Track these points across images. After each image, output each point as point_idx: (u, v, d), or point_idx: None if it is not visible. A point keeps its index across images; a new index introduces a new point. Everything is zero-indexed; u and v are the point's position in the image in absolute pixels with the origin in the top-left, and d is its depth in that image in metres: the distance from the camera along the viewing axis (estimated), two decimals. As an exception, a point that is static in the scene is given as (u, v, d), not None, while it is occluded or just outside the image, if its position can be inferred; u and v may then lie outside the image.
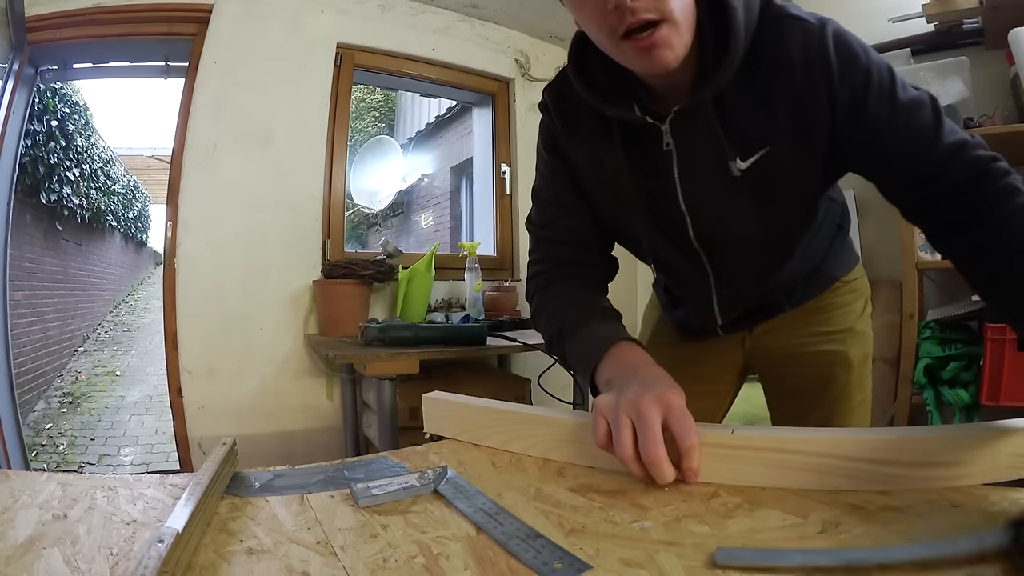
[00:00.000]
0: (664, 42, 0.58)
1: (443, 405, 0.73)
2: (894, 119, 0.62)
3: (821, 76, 0.62)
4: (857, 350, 0.90)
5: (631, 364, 0.61)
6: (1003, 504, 0.44)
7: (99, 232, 5.87)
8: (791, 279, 0.85)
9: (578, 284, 0.79)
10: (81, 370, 4.81)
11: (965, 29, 1.83)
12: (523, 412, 0.65)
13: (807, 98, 0.63)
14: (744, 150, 0.67)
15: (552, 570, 0.38)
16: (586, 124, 0.74)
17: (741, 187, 0.69)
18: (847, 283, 0.92)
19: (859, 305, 0.93)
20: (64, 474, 0.57)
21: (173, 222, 1.96)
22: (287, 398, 2.08)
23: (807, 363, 0.90)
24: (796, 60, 0.62)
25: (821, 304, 0.91)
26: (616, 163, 0.73)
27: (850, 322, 0.91)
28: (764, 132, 0.66)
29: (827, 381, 0.89)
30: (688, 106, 0.66)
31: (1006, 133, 1.60)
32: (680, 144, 0.70)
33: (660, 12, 0.57)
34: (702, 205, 0.73)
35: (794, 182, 0.69)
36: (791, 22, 0.63)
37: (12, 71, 1.86)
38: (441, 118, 5.14)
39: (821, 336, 0.90)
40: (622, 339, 0.65)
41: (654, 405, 0.52)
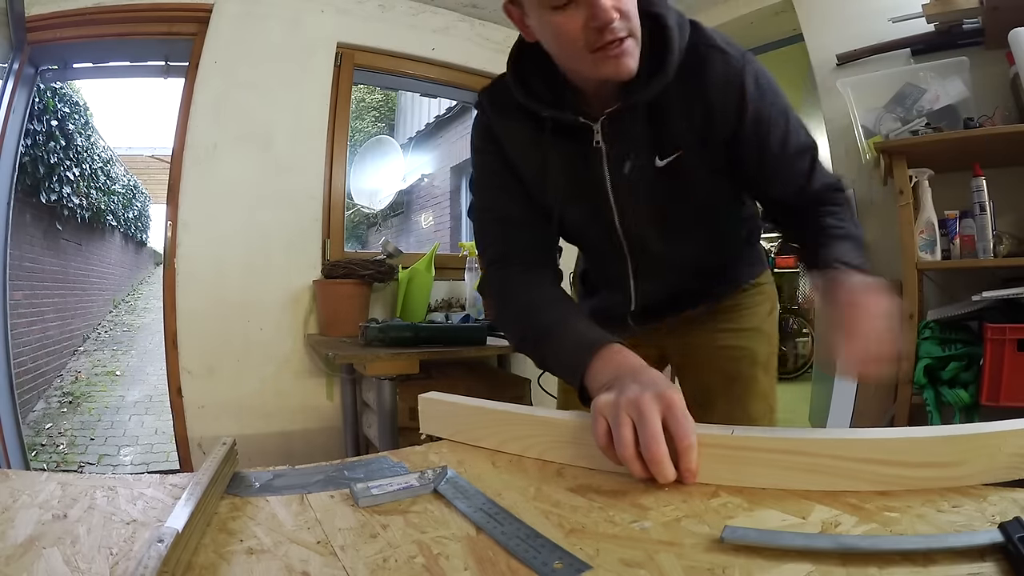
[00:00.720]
0: (629, 52, 0.68)
1: (439, 406, 0.72)
2: (783, 159, 0.77)
3: (734, 101, 0.73)
4: (763, 347, 1.00)
5: (629, 367, 0.62)
6: (1003, 504, 0.44)
7: (99, 232, 5.87)
8: (701, 275, 0.96)
9: (540, 278, 0.83)
10: (81, 370, 4.81)
11: (965, 29, 1.83)
12: (520, 412, 0.64)
13: (718, 115, 0.74)
14: (661, 150, 0.78)
15: (552, 570, 0.38)
16: (519, 124, 0.82)
17: (659, 182, 0.79)
18: (755, 285, 1.02)
19: (766, 308, 1.03)
20: (64, 474, 0.57)
21: (173, 222, 1.96)
22: (287, 398, 2.08)
23: (716, 356, 0.99)
24: (716, 82, 0.73)
25: (731, 303, 1.00)
26: (548, 159, 0.82)
27: (756, 322, 1.01)
28: (678, 137, 0.76)
29: (733, 375, 0.98)
30: (621, 108, 0.75)
31: (1006, 133, 1.60)
32: (609, 142, 0.79)
33: (628, 30, 0.67)
34: (627, 197, 0.82)
35: (700, 182, 0.81)
36: (716, 52, 0.74)
37: (12, 71, 1.86)
38: (441, 118, 5.14)
39: (729, 332, 0.99)
40: (611, 342, 0.66)
41: (654, 403, 0.52)
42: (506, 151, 0.85)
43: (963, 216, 1.73)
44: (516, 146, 0.84)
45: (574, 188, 0.83)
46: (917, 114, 1.79)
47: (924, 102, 1.79)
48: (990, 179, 1.64)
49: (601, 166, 0.80)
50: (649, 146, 0.78)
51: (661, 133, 0.77)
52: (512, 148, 0.84)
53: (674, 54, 0.71)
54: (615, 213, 0.84)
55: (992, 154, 1.67)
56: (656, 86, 0.72)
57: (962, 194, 1.69)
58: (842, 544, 0.38)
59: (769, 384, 1.01)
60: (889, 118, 1.83)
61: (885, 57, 1.96)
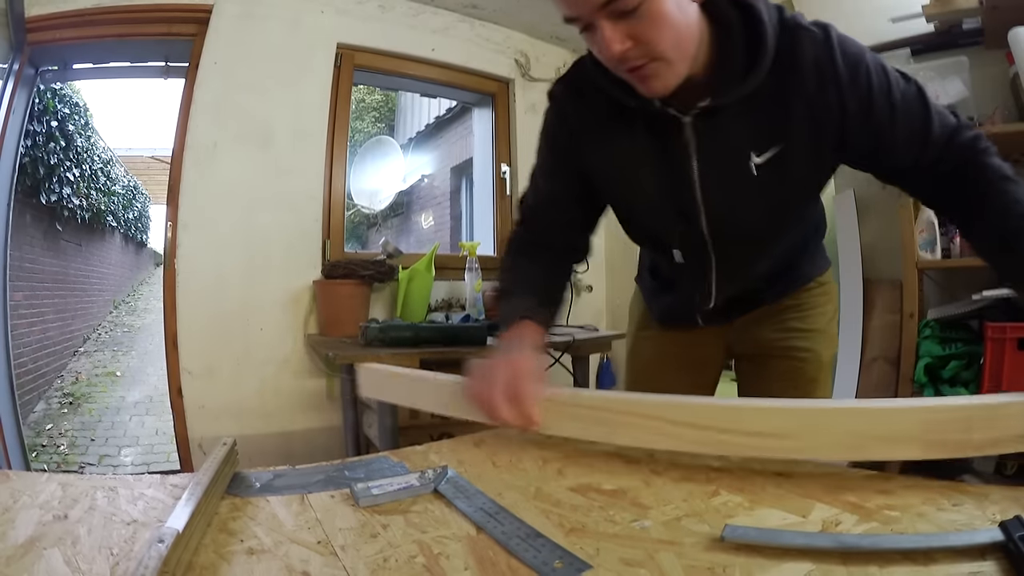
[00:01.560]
0: (654, 75, 0.65)
1: (380, 376, 0.85)
2: (894, 118, 0.68)
3: (831, 81, 0.68)
4: (827, 350, 0.97)
5: (515, 339, 0.75)
6: (1004, 503, 0.44)
7: (99, 232, 5.87)
8: (775, 270, 0.91)
9: (542, 258, 0.87)
10: (81, 370, 4.81)
11: (965, 29, 1.82)
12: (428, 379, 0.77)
13: (818, 101, 0.69)
14: (760, 147, 0.72)
15: (552, 570, 0.38)
16: (602, 115, 0.78)
17: (755, 181, 0.74)
18: (821, 284, 0.98)
19: (830, 308, 1.00)
20: (64, 474, 0.58)
21: (173, 222, 1.96)
22: (287, 398, 2.08)
23: (781, 356, 0.96)
24: (808, 66, 0.68)
25: (798, 302, 0.96)
26: (633, 152, 0.78)
27: (822, 324, 0.97)
28: (779, 131, 0.71)
29: (797, 375, 0.95)
30: (714, 104, 0.71)
31: (1006, 133, 1.60)
32: (701, 137, 0.74)
33: (649, 55, 0.63)
34: (717, 196, 0.77)
35: (802, 178, 0.75)
36: (802, 32, 0.68)
37: (12, 71, 1.86)
38: (441, 118, 5.13)
39: (796, 332, 0.96)
40: (527, 317, 0.77)
41: (503, 365, 0.67)
42: (580, 145, 0.82)
43: (963, 215, 1.72)
44: (592, 136, 0.80)
45: (657, 184, 0.79)
46: (917, 114, 1.79)
47: (924, 102, 1.78)
48: (990, 178, 1.64)
49: (689, 163, 0.75)
50: (746, 143, 0.73)
51: (760, 128, 0.72)
52: (587, 138, 0.81)
53: (769, 48, 0.67)
54: (702, 213, 0.79)
55: (992, 153, 1.67)
56: (752, 82, 0.68)
57: (962, 193, 1.69)
58: (842, 543, 0.38)
59: (828, 390, 1.00)
60: (889, 118, 1.83)
61: (885, 57, 1.95)
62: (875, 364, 1.95)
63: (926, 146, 0.69)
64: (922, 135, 0.69)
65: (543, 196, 0.88)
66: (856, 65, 0.68)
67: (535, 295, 0.82)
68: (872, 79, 0.68)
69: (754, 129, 0.72)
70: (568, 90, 0.82)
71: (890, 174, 0.75)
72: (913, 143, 0.69)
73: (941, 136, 0.69)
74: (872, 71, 0.68)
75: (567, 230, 0.88)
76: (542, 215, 0.88)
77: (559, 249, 0.88)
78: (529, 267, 0.87)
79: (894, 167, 0.73)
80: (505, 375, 0.66)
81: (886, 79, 0.68)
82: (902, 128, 0.68)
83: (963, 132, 0.69)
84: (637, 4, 0.60)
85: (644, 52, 0.63)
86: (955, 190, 0.70)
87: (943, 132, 0.69)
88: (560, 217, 0.87)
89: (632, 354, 1.11)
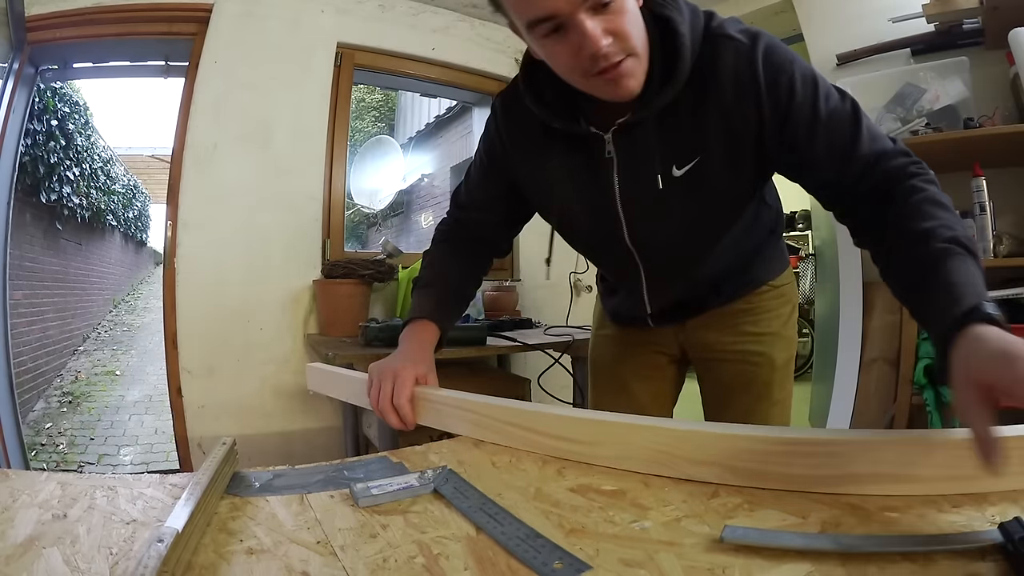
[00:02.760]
0: (629, 72, 0.65)
1: (321, 373, 0.98)
2: (815, 130, 0.67)
3: (749, 91, 0.67)
4: (781, 353, 0.97)
5: (407, 338, 0.84)
6: (1002, 504, 0.44)
7: (99, 232, 5.86)
8: (719, 276, 0.92)
9: (463, 250, 0.95)
10: (81, 370, 4.81)
11: (965, 29, 1.83)
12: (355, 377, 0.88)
13: (735, 111, 0.69)
14: (679, 159, 0.74)
15: (552, 570, 0.38)
16: (532, 131, 0.81)
17: (674, 193, 0.75)
18: (775, 287, 0.98)
19: (786, 311, 0.99)
20: (64, 474, 0.58)
21: (173, 222, 1.96)
22: (287, 398, 2.08)
23: (733, 360, 0.97)
24: (727, 77, 0.68)
25: (750, 306, 0.96)
26: (557, 168, 0.81)
27: (776, 327, 0.97)
28: (696, 143, 0.72)
29: (750, 379, 0.96)
30: (632, 120, 0.72)
31: (1006, 133, 1.60)
32: (621, 153, 0.76)
33: (626, 50, 0.64)
34: (637, 209, 0.79)
35: (722, 188, 0.75)
36: (724, 41, 0.68)
37: (12, 71, 1.86)
38: (441, 118, 5.13)
39: (748, 336, 0.96)
40: (423, 317, 0.86)
41: (388, 374, 0.77)
42: (512, 159, 0.86)
43: (963, 216, 1.72)
44: (523, 152, 0.84)
45: (582, 199, 0.82)
46: (917, 114, 1.79)
47: (924, 102, 1.78)
48: (990, 179, 1.64)
49: (611, 177, 0.78)
50: (665, 155, 0.74)
51: (678, 140, 0.73)
52: (518, 154, 0.85)
53: (686, 60, 0.67)
54: (624, 226, 0.81)
55: (992, 154, 1.67)
56: (668, 94, 0.69)
57: (962, 194, 1.69)
58: (842, 544, 0.38)
59: (786, 390, 1.00)
60: (889, 118, 1.83)
61: (885, 57, 1.96)
62: (875, 365, 1.95)
63: (849, 162, 0.66)
64: (846, 151, 0.66)
65: (474, 193, 0.94)
66: (778, 74, 0.66)
67: (444, 293, 0.90)
68: (795, 88, 0.66)
69: (672, 142, 0.73)
70: (504, 106, 0.85)
71: (812, 188, 0.72)
72: (835, 158, 0.67)
73: (869, 155, 0.65)
74: (796, 81, 0.66)
75: (492, 227, 0.95)
76: (471, 210, 0.95)
77: (482, 242, 0.96)
78: (448, 261, 0.94)
79: (816, 181, 0.71)
80: (389, 385, 0.75)
81: (812, 91, 0.67)
82: (823, 141, 0.66)
83: (897, 157, 0.65)
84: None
85: (621, 47, 0.63)
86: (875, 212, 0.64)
87: (871, 151, 0.65)
88: (487, 216, 0.93)
89: (592, 352, 1.14)
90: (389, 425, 0.77)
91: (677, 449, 0.54)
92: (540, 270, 2.53)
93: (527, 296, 2.55)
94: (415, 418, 0.76)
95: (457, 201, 0.98)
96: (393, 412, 0.75)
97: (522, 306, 2.48)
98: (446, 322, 0.88)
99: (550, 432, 0.63)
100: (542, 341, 1.80)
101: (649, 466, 0.56)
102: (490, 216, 0.93)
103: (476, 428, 0.70)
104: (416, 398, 0.76)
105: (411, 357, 0.80)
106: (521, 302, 2.48)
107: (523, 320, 2.16)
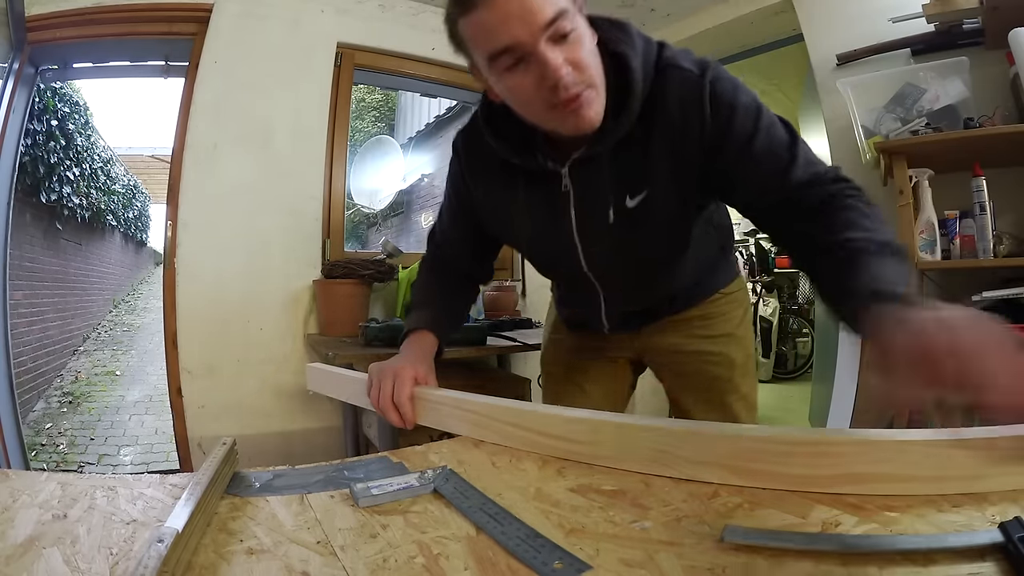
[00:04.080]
0: (588, 103, 0.66)
1: (321, 373, 0.99)
2: (750, 154, 0.69)
3: (694, 119, 0.70)
4: (739, 352, 1.02)
5: (407, 346, 0.86)
6: (1003, 504, 0.44)
7: (99, 232, 5.86)
8: (671, 291, 0.96)
9: (448, 279, 0.99)
10: (81, 370, 4.80)
11: (965, 29, 1.82)
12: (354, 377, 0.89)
13: (681, 141, 0.71)
14: (630, 190, 0.76)
15: (552, 570, 0.38)
16: (492, 167, 0.83)
17: (627, 223, 0.78)
18: (726, 295, 1.03)
19: (738, 313, 1.04)
20: (64, 474, 0.58)
21: (173, 222, 1.96)
22: (287, 398, 2.08)
23: (692, 359, 1.02)
24: (673, 106, 0.70)
25: (703, 312, 1.01)
26: (517, 202, 0.84)
27: (730, 328, 1.02)
28: (647, 174, 0.75)
29: (711, 378, 1.01)
30: (586, 154, 0.75)
31: (1006, 133, 1.59)
32: (577, 186, 0.79)
33: (585, 82, 0.66)
34: (592, 238, 0.83)
35: (671, 216, 0.78)
36: (674, 71, 0.71)
37: (12, 71, 1.86)
38: (441, 118, 5.13)
39: (703, 338, 1.01)
40: (420, 328, 0.88)
41: (389, 373, 0.78)
42: (474, 194, 0.89)
43: (963, 216, 1.72)
44: (484, 189, 0.88)
45: (541, 230, 0.85)
46: (917, 114, 1.78)
47: (924, 102, 1.78)
48: (990, 179, 1.64)
49: (568, 210, 0.81)
50: (617, 188, 0.76)
51: (629, 172, 0.75)
52: (480, 191, 0.88)
53: (637, 95, 0.69)
54: (580, 254, 0.85)
55: (992, 154, 1.67)
56: (621, 128, 0.71)
57: (962, 194, 1.69)
58: (842, 544, 0.38)
59: (748, 385, 1.04)
60: (889, 118, 1.83)
61: (885, 57, 1.95)
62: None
63: (781, 184, 0.68)
64: (780, 174, 0.68)
65: (447, 231, 0.99)
66: (721, 99, 0.69)
67: (437, 311, 0.93)
68: (736, 112, 0.68)
69: (624, 174, 0.76)
70: (465, 143, 0.89)
71: (744, 208, 0.75)
72: (769, 182, 0.69)
73: (802, 177, 0.68)
74: (739, 110, 0.69)
75: (468, 261, 1.00)
76: (446, 246, 1.00)
77: (462, 273, 1.01)
78: (436, 286, 0.99)
79: (749, 202, 0.73)
80: (389, 384, 0.77)
81: (753, 115, 0.69)
82: (757, 162, 0.69)
83: (831, 183, 0.67)
84: (571, 29, 0.63)
85: (581, 78, 0.65)
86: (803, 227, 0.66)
87: (804, 175, 0.68)
88: (462, 251, 0.99)
89: (545, 355, 1.17)
90: (390, 423, 0.77)
91: (677, 449, 0.55)
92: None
93: (527, 296, 2.55)
94: (415, 416, 0.76)
95: (434, 240, 1.03)
96: (394, 410, 0.76)
97: (522, 306, 2.48)
98: (443, 334, 0.91)
99: (550, 432, 0.63)
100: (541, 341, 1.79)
101: (649, 466, 0.56)
102: (465, 251, 0.98)
103: (476, 428, 0.70)
104: (416, 398, 0.77)
105: (410, 358, 0.82)
106: (521, 302, 2.48)
107: (523, 320, 2.17)
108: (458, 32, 0.68)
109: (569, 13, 0.63)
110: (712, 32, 2.39)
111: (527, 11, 0.61)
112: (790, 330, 4.50)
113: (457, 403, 0.73)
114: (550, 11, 0.61)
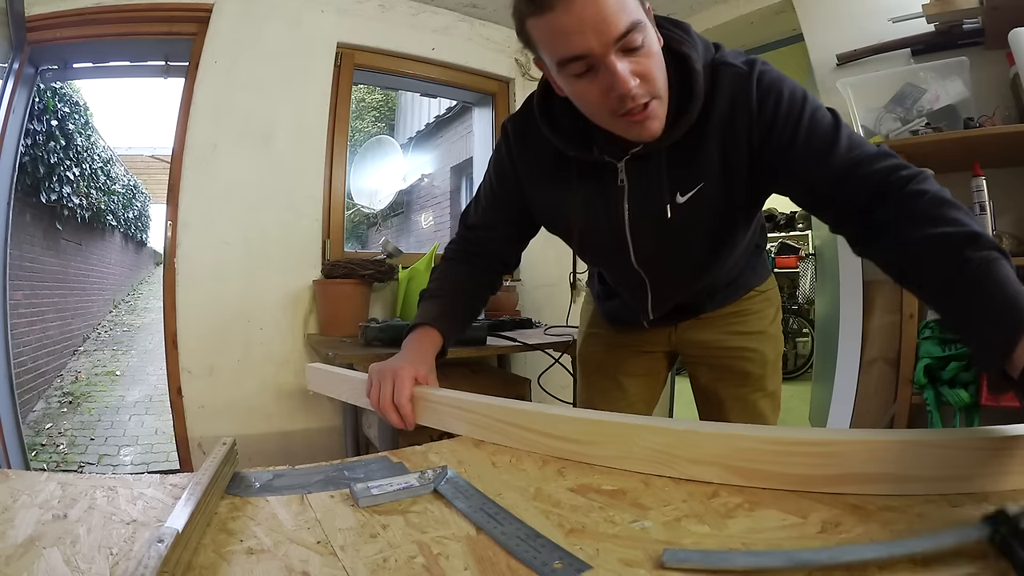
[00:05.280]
0: (654, 114, 0.68)
1: (321, 373, 0.98)
2: (795, 140, 0.69)
3: (743, 115, 0.71)
4: (770, 349, 1.05)
5: (409, 343, 0.85)
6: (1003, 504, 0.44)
7: (99, 232, 5.86)
8: (714, 286, 0.98)
9: (472, 267, 0.97)
10: (81, 370, 4.80)
11: (965, 29, 1.82)
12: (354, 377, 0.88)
13: (731, 137, 0.72)
14: (683, 187, 0.77)
15: (552, 570, 0.38)
16: (544, 156, 0.84)
17: (679, 218, 0.79)
18: (761, 292, 1.05)
19: (771, 312, 1.07)
20: (64, 474, 0.58)
21: (173, 222, 1.96)
22: (287, 398, 2.08)
23: (726, 355, 1.03)
24: (725, 103, 0.72)
25: (738, 309, 1.03)
26: (570, 192, 0.84)
27: (763, 326, 1.05)
28: (699, 171, 0.76)
29: (745, 371, 1.03)
30: (644, 151, 0.76)
31: (1006, 133, 1.59)
32: (632, 181, 0.80)
33: (652, 93, 0.67)
34: (644, 233, 0.83)
35: (722, 211, 0.79)
36: (725, 68, 0.72)
37: (12, 71, 1.85)
38: (441, 118, 5.13)
39: (738, 334, 1.03)
40: (426, 324, 0.87)
41: (389, 374, 0.77)
42: (524, 183, 0.89)
43: (963, 216, 1.72)
44: (536, 178, 0.87)
45: (594, 223, 0.85)
46: (917, 114, 1.78)
47: (924, 102, 1.78)
48: (990, 179, 1.64)
49: (622, 204, 0.82)
50: (671, 184, 0.78)
51: (683, 168, 0.76)
52: (531, 180, 0.88)
53: (699, 97, 0.71)
54: (631, 248, 0.85)
55: (992, 154, 1.67)
56: (680, 129, 0.72)
57: (962, 194, 1.68)
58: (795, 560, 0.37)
59: (776, 384, 1.06)
60: (889, 118, 1.83)
61: (885, 57, 1.95)
62: (875, 365, 1.95)
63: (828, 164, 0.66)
64: (824, 152, 0.67)
65: (484, 215, 0.97)
66: (767, 94, 0.70)
67: (449, 304, 0.92)
68: (781, 105, 0.69)
69: (678, 171, 0.77)
70: (516, 131, 0.88)
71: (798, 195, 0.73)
72: (814, 161, 0.67)
73: (848, 158, 0.66)
74: (784, 99, 0.69)
75: (500, 243, 0.97)
76: (480, 229, 0.97)
77: (491, 258, 0.98)
78: (456, 276, 0.96)
79: (800, 187, 0.71)
80: (389, 384, 0.76)
81: (799, 106, 0.69)
82: (803, 150, 0.68)
83: (880, 160, 0.65)
84: (642, 41, 0.64)
85: (647, 90, 0.66)
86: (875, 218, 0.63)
87: (852, 155, 0.66)
88: (496, 234, 0.96)
89: (582, 352, 1.17)
90: (390, 424, 0.77)
91: (677, 449, 0.55)
92: (540, 270, 2.54)
93: (527, 296, 2.55)
94: (415, 417, 0.77)
95: (466, 222, 1.00)
96: (393, 411, 0.76)
97: (522, 306, 2.48)
98: (450, 331, 0.89)
99: (550, 432, 0.63)
100: (542, 341, 1.80)
101: (649, 466, 0.56)
102: (498, 234, 0.96)
103: (476, 428, 0.70)
104: (416, 398, 0.77)
105: (411, 358, 0.82)
106: (521, 302, 2.48)
107: (523, 320, 2.17)
108: (526, 30, 0.68)
109: (642, 25, 0.64)
110: (712, 32, 2.39)
111: (601, 20, 0.61)
112: (790, 330, 4.51)
113: (457, 403, 0.73)
114: (624, 23, 0.62)
